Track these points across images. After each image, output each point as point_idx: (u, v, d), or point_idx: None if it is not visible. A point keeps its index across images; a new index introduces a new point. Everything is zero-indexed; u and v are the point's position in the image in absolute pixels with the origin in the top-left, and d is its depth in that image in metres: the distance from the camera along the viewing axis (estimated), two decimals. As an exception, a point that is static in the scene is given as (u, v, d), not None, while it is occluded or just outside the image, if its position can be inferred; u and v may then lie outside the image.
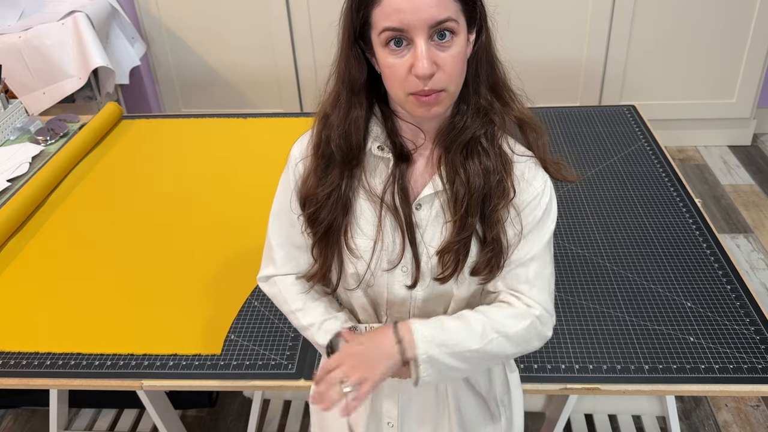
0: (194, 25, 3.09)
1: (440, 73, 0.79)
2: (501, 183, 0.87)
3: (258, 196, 1.73)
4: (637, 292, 1.37)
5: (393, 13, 0.76)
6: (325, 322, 0.95)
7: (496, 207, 0.87)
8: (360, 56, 0.84)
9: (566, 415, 1.53)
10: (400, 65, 0.79)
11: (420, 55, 0.77)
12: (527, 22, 2.92)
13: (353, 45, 0.83)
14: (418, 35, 0.77)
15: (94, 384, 1.24)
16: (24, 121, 2.18)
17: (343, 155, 0.87)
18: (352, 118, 0.86)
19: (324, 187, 0.88)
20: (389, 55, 0.79)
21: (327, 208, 0.89)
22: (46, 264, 1.54)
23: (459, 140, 0.86)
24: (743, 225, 2.66)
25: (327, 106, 0.89)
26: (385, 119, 0.89)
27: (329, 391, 0.82)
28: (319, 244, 0.92)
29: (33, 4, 2.77)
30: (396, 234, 0.89)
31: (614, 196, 1.69)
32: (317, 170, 0.90)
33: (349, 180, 0.89)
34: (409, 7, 0.75)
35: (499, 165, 0.87)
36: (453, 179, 0.87)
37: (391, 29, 0.77)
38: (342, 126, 0.87)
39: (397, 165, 0.89)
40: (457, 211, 0.86)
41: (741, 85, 3.04)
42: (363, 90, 0.86)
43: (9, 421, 1.95)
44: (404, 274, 0.91)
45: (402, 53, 0.79)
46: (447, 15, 0.77)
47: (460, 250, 0.87)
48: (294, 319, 0.99)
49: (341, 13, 0.83)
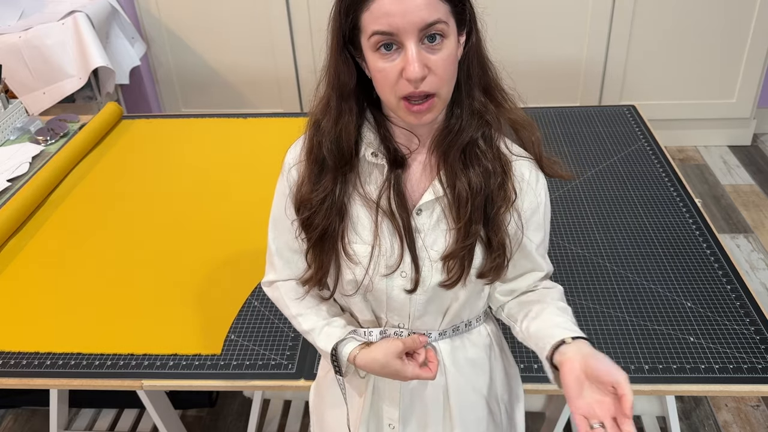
0: (194, 25, 3.09)
1: (431, 76, 0.78)
2: (503, 186, 0.87)
3: (258, 196, 1.73)
4: (637, 292, 1.37)
5: (382, 17, 0.76)
6: (325, 327, 0.96)
7: (499, 210, 0.87)
8: (349, 61, 0.83)
9: (566, 415, 1.53)
10: (391, 69, 0.78)
11: (411, 59, 0.77)
12: (527, 22, 2.92)
13: (342, 50, 0.82)
14: (408, 38, 0.76)
15: (94, 384, 1.24)
16: (24, 121, 2.18)
17: (335, 160, 0.87)
18: (343, 123, 0.86)
19: (318, 192, 0.88)
20: (379, 60, 0.79)
21: (321, 214, 0.88)
22: (46, 264, 1.54)
23: (456, 144, 0.86)
24: (743, 225, 2.66)
25: (318, 111, 0.88)
26: (377, 125, 0.89)
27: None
28: (314, 250, 0.92)
29: (33, 4, 2.77)
30: (394, 239, 0.89)
31: (614, 196, 1.69)
32: (311, 175, 0.89)
33: (343, 185, 0.89)
34: (398, 11, 0.75)
35: (498, 167, 0.87)
36: (453, 184, 0.86)
37: (381, 33, 0.77)
38: (333, 132, 0.86)
39: (392, 171, 0.88)
40: (461, 218, 0.86)
41: (741, 85, 3.04)
42: (353, 95, 0.85)
43: (9, 421, 1.95)
44: (403, 279, 0.90)
45: (392, 57, 0.78)
46: (437, 17, 0.76)
47: (465, 256, 0.87)
48: (296, 323, 1.00)
49: (329, 18, 0.83)
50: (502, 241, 0.88)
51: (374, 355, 0.91)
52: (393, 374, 0.91)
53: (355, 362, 0.93)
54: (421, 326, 0.95)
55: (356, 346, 0.93)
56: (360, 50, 0.82)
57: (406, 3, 0.75)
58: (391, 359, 0.89)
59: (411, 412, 1.02)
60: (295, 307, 0.99)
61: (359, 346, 0.93)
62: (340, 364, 0.94)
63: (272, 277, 1.02)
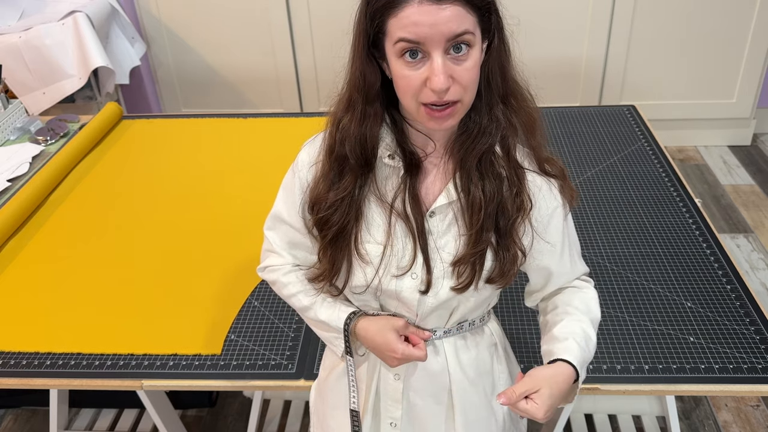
0: (194, 25, 3.09)
1: (455, 86, 0.78)
2: (519, 195, 0.87)
3: (258, 196, 1.73)
4: (637, 292, 1.37)
5: (410, 26, 0.75)
6: (326, 300, 0.98)
7: (514, 219, 0.87)
8: (374, 63, 0.83)
9: (566, 415, 1.53)
10: (415, 77, 0.78)
11: (437, 70, 0.76)
12: (527, 22, 2.92)
13: (368, 53, 0.82)
14: (435, 49, 0.76)
15: (94, 384, 1.24)
16: (24, 121, 2.18)
17: (357, 160, 0.87)
18: (367, 125, 0.86)
19: (338, 191, 0.88)
20: (404, 67, 0.78)
21: (339, 212, 0.89)
22: (46, 264, 1.54)
23: (474, 151, 0.85)
24: (743, 225, 2.66)
25: (340, 111, 0.88)
26: (395, 126, 0.88)
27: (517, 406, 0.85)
28: (328, 248, 0.92)
29: (33, 4, 2.77)
30: (407, 240, 0.90)
31: (614, 196, 1.69)
32: (330, 174, 0.89)
33: (362, 185, 0.89)
34: (427, 21, 0.74)
35: (513, 175, 0.87)
36: (468, 189, 0.86)
37: (407, 41, 0.76)
38: (357, 133, 0.86)
39: (407, 173, 0.89)
40: (473, 225, 0.86)
41: (741, 85, 3.04)
42: (377, 98, 0.85)
43: (9, 421, 1.95)
44: (413, 281, 0.91)
45: (417, 65, 0.78)
46: (464, 28, 0.75)
47: (476, 262, 0.88)
48: (296, 301, 1.00)
49: (355, 20, 0.82)
50: (513, 250, 0.89)
51: (375, 321, 0.94)
52: (384, 345, 0.92)
53: (356, 325, 0.95)
54: (427, 324, 0.96)
55: (360, 313, 0.96)
56: (383, 53, 0.81)
57: (435, 14, 0.74)
58: (389, 330, 0.92)
59: (413, 411, 1.02)
60: (295, 285, 1.00)
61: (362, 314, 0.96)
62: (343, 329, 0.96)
63: (268, 263, 1.03)
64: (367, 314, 0.97)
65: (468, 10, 0.76)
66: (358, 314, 0.96)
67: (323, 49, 3.08)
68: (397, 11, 0.75)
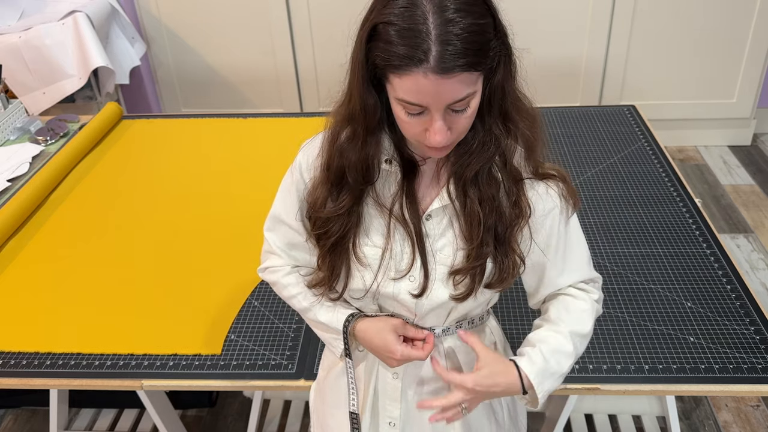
0: (194, 25, 3.09)
1: (453, 134, 0.78)
2: (517, 204, 0.86)
3: (258, 196, 1.73)
4: (637, 292, 1.37)
5: (413, 92, 0.73)
6: (326, 301, 0.98)
7: (513, 228, 0.87)
8: (373, 92, 0.80)
9: (566, 415, 1.53)
10: (416, 124, 0.77)
11: (436, 129, 0.76)
12: (527, 21, 2.92)
13: (367, 84, 0.79)
14: (436, 110, 0.75)
15: (94, 384, 1.24)
16: (24, 121, 2.18)
17: (357, 183, 0.87)
18: (369, 152, 0.85)
19: (337, 208, 0.88)
20: (404, 113, 0.77)
21: (338, 223, 0.89)
22: (46, 264, 1.54)
23: (470, 167, 0.84)
24: (743, 225, 2.66)
25: (340, 134, 0.86)
26: (393, 131, 0.87)
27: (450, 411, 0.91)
28: (327, 256, 0.92)
29: (33, 4, 2.77)
30: (405, 243, 0.90)
31: (614, 196, 1.69)
32: (328, 189, 0.89)
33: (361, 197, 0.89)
34: (431, 91, 0.72)
35: (512, 185, 0.86)
36: (463, 200, 0.86)
37: (409, 103, 0.75)
38: (358, 159, 0.85)
39: (405, 177, 0.88)
40: (474, 240, 0.86)
41: (741, 85, 3.04)
42: (377, 127, 0.84)
43: (9, 421, 1.95)
44: (411, 283, 0.91)
45: (417, 116, 0.77)
46: (467, 92, 0.74)
47: (475, 274, 0.88)
48: (296, 302, 1.01)
49: (353, 50, 0.79)
50: (512, 257, 0.88)
51: (373, 322, 0.94)
52: (383, 347, 0.92)
53: (355, 326, 0.95)
54: (426, 323, 0.96)
55: (359, 315, 0.96)
56: (383, 85, 0.79)
57: (440, 84, 0.72)
58: (388, 331, 0.92)
59: (412, 411, 1.02)
60: (294, 287, 1.00)
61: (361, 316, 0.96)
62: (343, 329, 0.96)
63: (269, 264, 1.04)
64: (366, 315, 0.97)
65: (473, 70, 0.74)
66: (357, 316, 0.96)
67: (323, 49, 3.08)
68: (401, 73, 0.73)
